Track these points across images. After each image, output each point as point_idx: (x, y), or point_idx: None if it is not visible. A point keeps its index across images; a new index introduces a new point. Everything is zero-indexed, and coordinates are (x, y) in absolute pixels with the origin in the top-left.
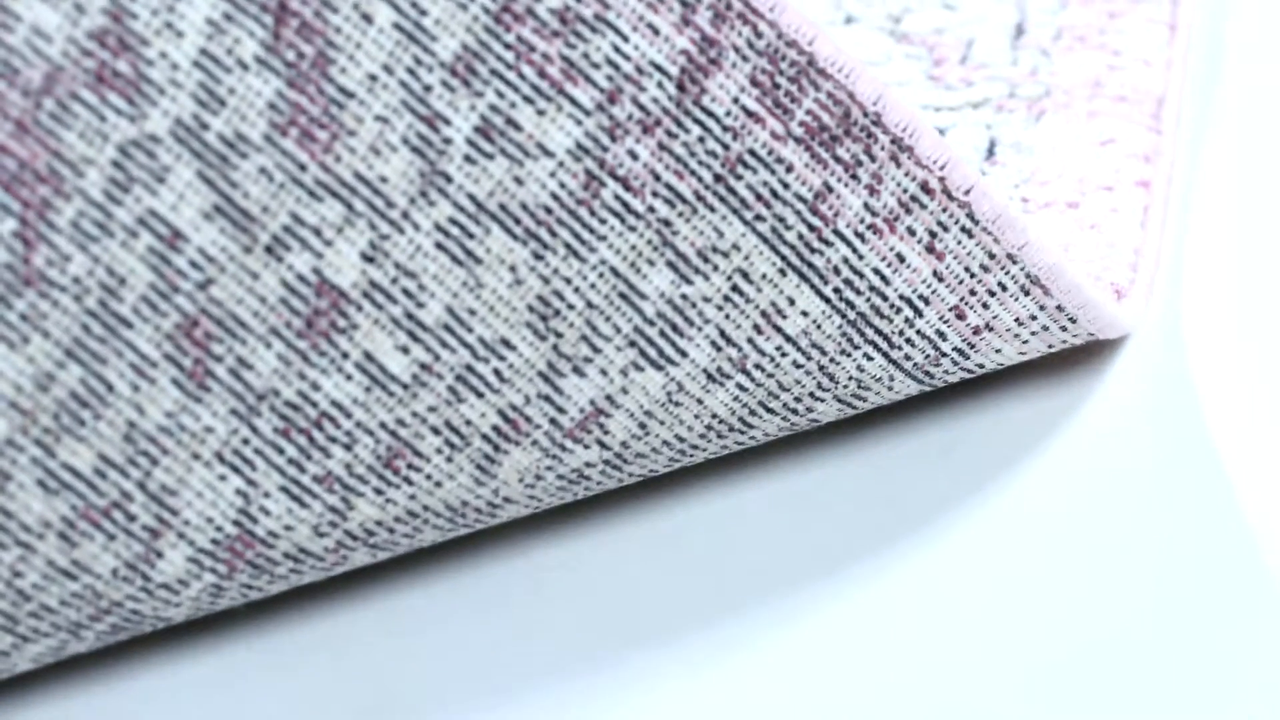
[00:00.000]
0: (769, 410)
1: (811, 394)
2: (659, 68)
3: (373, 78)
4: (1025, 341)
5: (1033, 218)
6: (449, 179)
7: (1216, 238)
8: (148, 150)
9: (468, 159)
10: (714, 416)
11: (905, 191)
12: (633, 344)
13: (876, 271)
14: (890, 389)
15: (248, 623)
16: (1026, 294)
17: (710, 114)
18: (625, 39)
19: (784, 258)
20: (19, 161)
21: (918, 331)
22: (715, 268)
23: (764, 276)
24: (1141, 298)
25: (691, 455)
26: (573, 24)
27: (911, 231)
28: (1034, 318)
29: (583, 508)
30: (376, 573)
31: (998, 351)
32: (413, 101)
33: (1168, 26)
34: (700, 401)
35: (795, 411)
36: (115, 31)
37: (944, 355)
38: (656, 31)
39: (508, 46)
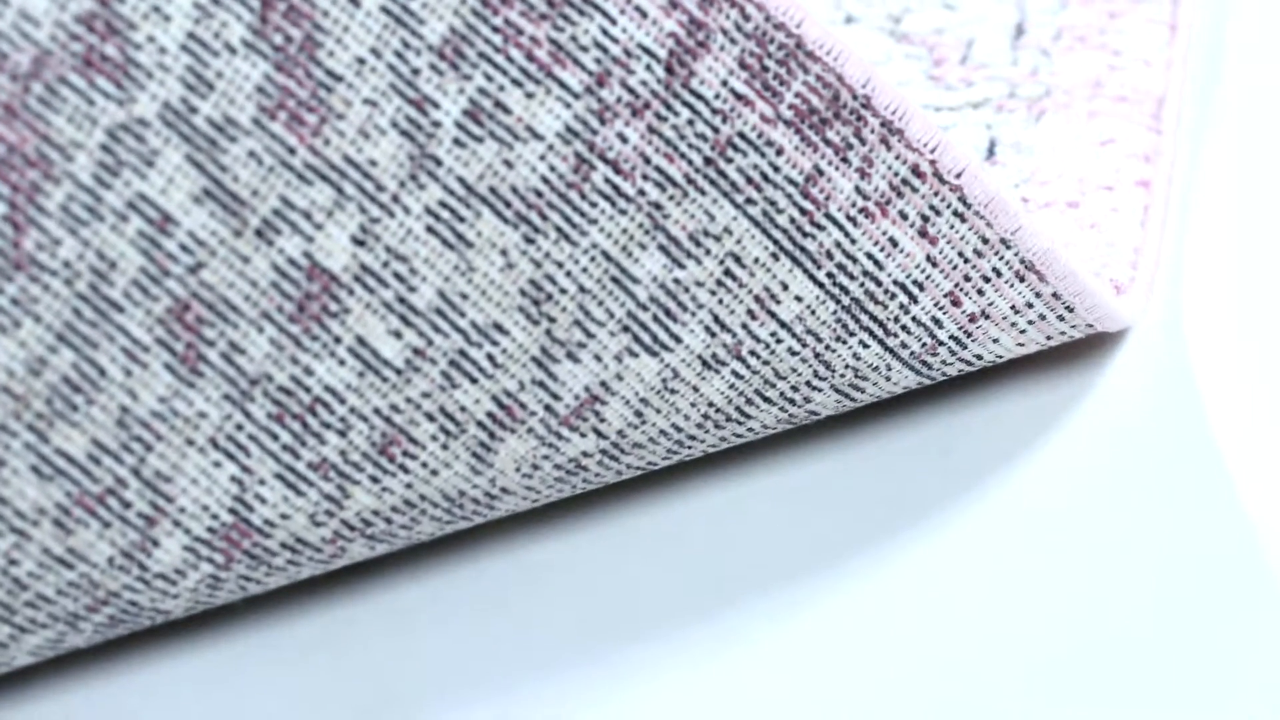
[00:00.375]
0: (766, 399)
1: (808, 383)
2: (647, 50)
3: (361, 61)
4: (1023, 331)
5: (1029, 209)
6: (438, 162)
7: (1216, 237)
8: (136, 134)
9: (457, 142)
10: (710, 405)
11: (896, 175)
12: (626, 329)
13: (869, 256)
14: (888, 379)
15: (246, 619)
16: (1021, 280)
17: (699, 96)
18: (613, 21)
19: (776, 242)
20: (8, 146)
21: (913, 318)
22: (707, 251)
23: (756, 261)
24: (1142, 293)
25: (690, 447)
26: (560, 7)
27: (904, 215)
28: (1030, 305)
29: (581, 503)
30: (374, 568)
31: (995, 341)
32: (401, 85)
33: (1168, 26)
34: (696, 389)
35: (793, 401)
36: (103, 15)
37: (940, 344)
38: (644, 14)
39: (495, 29)
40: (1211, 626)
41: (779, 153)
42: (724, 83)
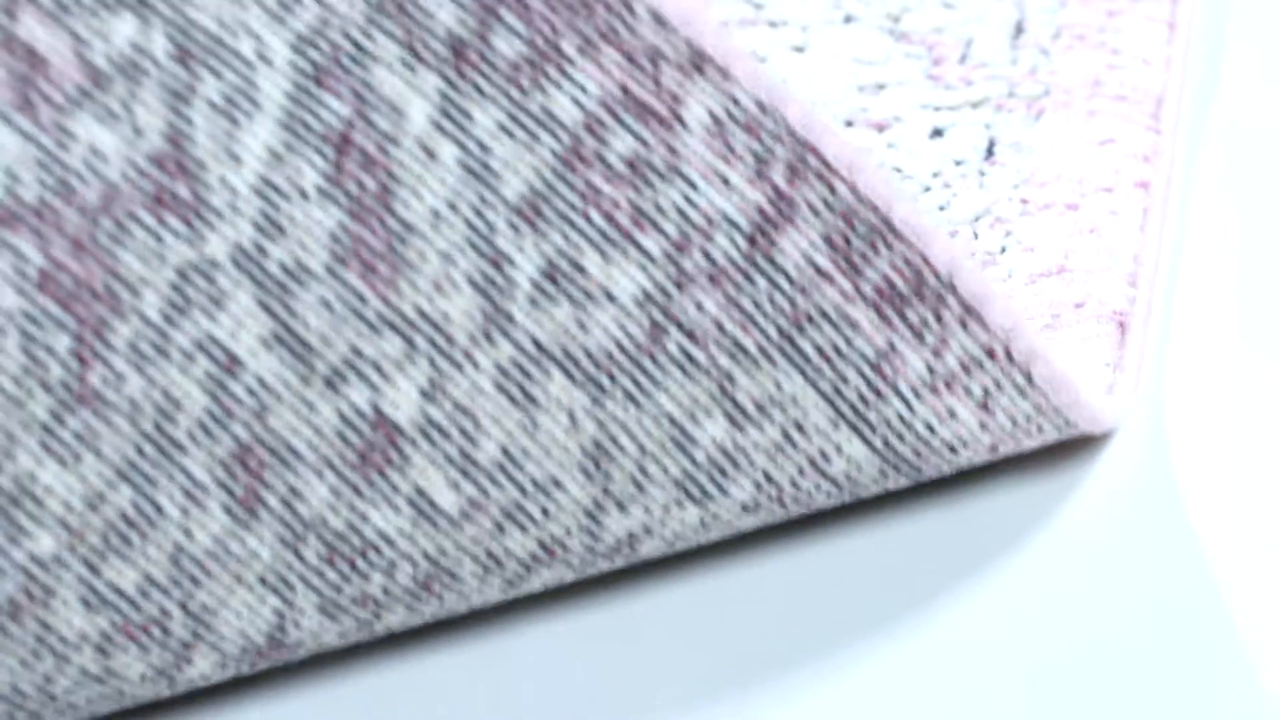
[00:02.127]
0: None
1: (829, 504)
2: (729, 219)
3: (436, 214)
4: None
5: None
6: (512, 320)
7: (1215, 238)
8: (206, 274)
9: (532, 301)
10: (737, 531)
11: (969, 355)
12: (679, 485)
13: (927, 425)
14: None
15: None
16: (1054, 427)
17: (780, 269)
18: (695, 189)
19: (839, 411)
20: (75, 279)
21: (950, 464)
22: (770, 419)
23: (817, 428)
24: (1128, 394)
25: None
26: (642, 171)
27: (968, 391)
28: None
29: (586, 586)
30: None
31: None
32: (477, 240)
33: (1167, 25)
34: (731, 525)
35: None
36: (174, 155)
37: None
38: (728, 183)
39: (575, 190)
40: None
41: (855, 328)
42: (806, 257)
